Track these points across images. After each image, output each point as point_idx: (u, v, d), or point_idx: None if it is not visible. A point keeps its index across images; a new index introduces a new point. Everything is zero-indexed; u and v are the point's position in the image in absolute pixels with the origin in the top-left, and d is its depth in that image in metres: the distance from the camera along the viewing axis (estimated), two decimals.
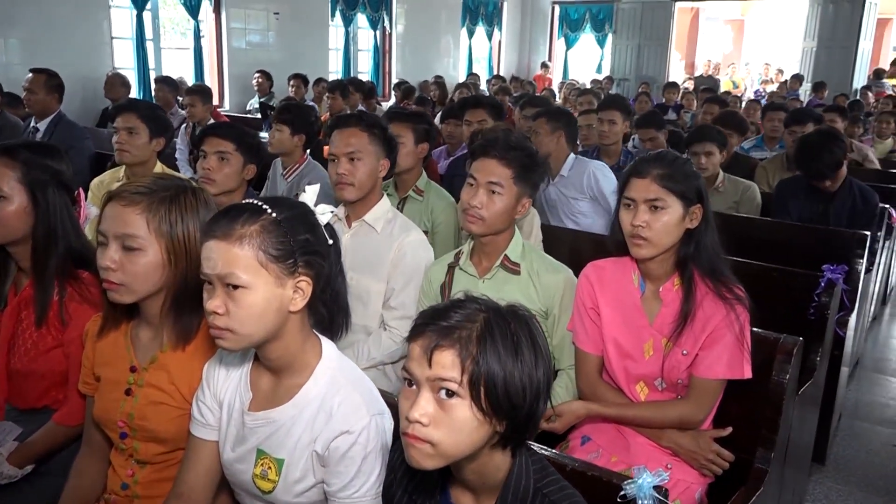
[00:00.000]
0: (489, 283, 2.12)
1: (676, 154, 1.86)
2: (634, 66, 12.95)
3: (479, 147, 2.08)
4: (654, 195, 1.75)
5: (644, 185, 1.77)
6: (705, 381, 1.79)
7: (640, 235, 1.76)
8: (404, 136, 2.99)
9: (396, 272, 2.31)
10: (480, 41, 13.21)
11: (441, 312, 1.09)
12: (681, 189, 1.75)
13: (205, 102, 4.92)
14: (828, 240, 3.27)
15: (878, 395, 3.69)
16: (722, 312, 1.76)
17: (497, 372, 1.04)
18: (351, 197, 2.31)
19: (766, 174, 4.54)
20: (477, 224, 2.04)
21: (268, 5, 8.79)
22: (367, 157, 2.28)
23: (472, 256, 2.16)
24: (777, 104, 5.90)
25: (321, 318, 1.36)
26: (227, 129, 2.55)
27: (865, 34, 11.16)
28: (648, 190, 1.76)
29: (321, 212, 1.34)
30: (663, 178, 1.75)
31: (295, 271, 1.25)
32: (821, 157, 3.40)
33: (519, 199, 2.06)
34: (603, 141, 4.27)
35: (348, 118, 2.31)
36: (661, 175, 1.76)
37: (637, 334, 1.87)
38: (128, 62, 7.57)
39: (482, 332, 1.05)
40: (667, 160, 1.80)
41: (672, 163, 1.79)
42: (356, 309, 2.35)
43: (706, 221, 1.81)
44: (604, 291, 1.91)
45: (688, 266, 1.81)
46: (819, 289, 2.46)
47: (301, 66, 8.73)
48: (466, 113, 3.87)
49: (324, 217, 1.34)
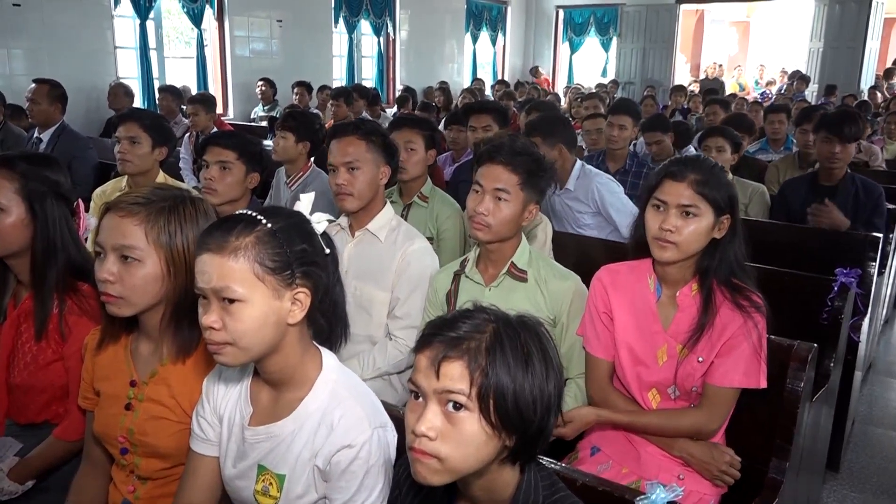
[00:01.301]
0: (496, 291, 2.08)
1: (713, 161, 1.81)
2: (639, 69, 12.91)
3: (485, 153, 2.04)
4: (688, 200, 1.70)
5: (679, 189, 1.72)
6: (720, 390, 1.75)
7: (667, 239, 1.72)
8: (416, 143, 2.96)
9: (401, 281, 2.28)
10: (485, 46, 13.19)
11: (449, 322, 1.06)
12: (715, 197, 1.71)
13: (208, 111, 4.91)
14: (839, 242, 3.23)
15: (891, 400, 3.63)
16: (739, 320, 1.72)
17: (507, 384, 1.00)
18: (352, 207, 2.28)
19: (778, 173, 4.49)
20: (483, 231, 2.01)
21: (270, 13, 8.79)
22: (367, 166, 2.25)
23: (479, 264, 2.13)
24: (777, 106, 5.85)
25: (320, 329, 1.33)
26: (228, 138, 2.53)
27: (872, 34, 11.10)
28: (683, 195, 1.71)
29: (317, 220, 1.31)
30: (699, 185, 1.70)
31: (292, 283, 1.21)
32: (847, 119, 3.43)
33: (526, 206, 2.02)
34: (611, 146, 4.22)
35: (346, 127, 2.28)
36: (697, 181, 1.71)
37: (651, 340, 1.83)
38: (131, 72, 7.57)
39: (491, 342, 1.02)
40: (705, 166, 1.74)
41: (710, 169, 1.74)
42: (360, 319, 2.34)
43: (734, 232, 1.76)
44: (617, 295, 1.88)
45: (708, 275, 1.76)
46: (833, 293, 2.41)
47: (305, 73, 8.73)
48: (471, 118, 3.83)
49: (320, 226, 1.31)
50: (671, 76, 12.79)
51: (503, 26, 13.43)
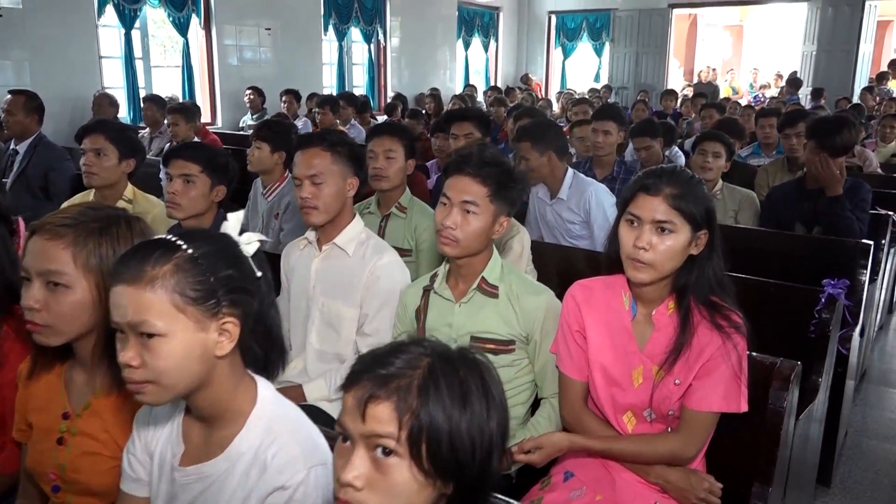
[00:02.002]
0: (465, 308, 1.99)
1: (689, 173, 1.70)
2: (633, 74, 12.85)
3: (453, 164, 1.96)
4: (663, 216, 1.60)
5: (654, 203, 1.61)
6: (699, 414, 1.66)
7: (641, 259, 1.62)
8: (396, 152, 2.88)
9: (369, 297, 2.19)
10: (477, 53, 13.13)
11: (380, 358, 0.97)
12: (692, 212, 1.60)
13: (188, 121, 4.82)
14: (829, 249, 3.15)
15: (885, 410, 3.54)
16: (718, 341, 1.63)
17: (441, 425, 0.91)
18: (317, 221, 2.19)
19: (768, 177, 4.42)
20: (451, 246, 1.92)
21: (259, 21, 8.71)
22: (332, 178, 2.16)
23: (449, 279, 2.04)
24: (768, 110, 5.78)
25: (256, 358, 1.24)
26: (192, 151, 2.44)
27: (866, 37, 11.05)
28: (658, 210, 1.60)
29: (246, 242, 1.21)
30: (675, 199, 1.60)
31: (218, 312, 1.12)
32: (839, 130, 3.34)
33: (496, 218, 1.93)
34: (597, 152, 4.14)
35: (309, 138, 2.19)
36: (673, 195, 1.60)
37: (626, 360, 1.74)
38: (117, 81, 7.49)
39: (425, 380, 0.93)
40: (681, 179, 1.64)
41: (687, 182, 1.63)
42: (329, 336, 2.26)
43: (712, 248, 1.67)
44: (591, 313, 1.78)
45: (685, 293, 1.67)
46: (819, 305, 2.32)
47: (294, 81, 8.65)
48: (453, 126, 3.74)
49: (250, 247, 1.21)
50: (664, 81, 12.72)
51: (495, 32, 13.37)
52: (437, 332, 2.02)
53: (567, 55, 13.70)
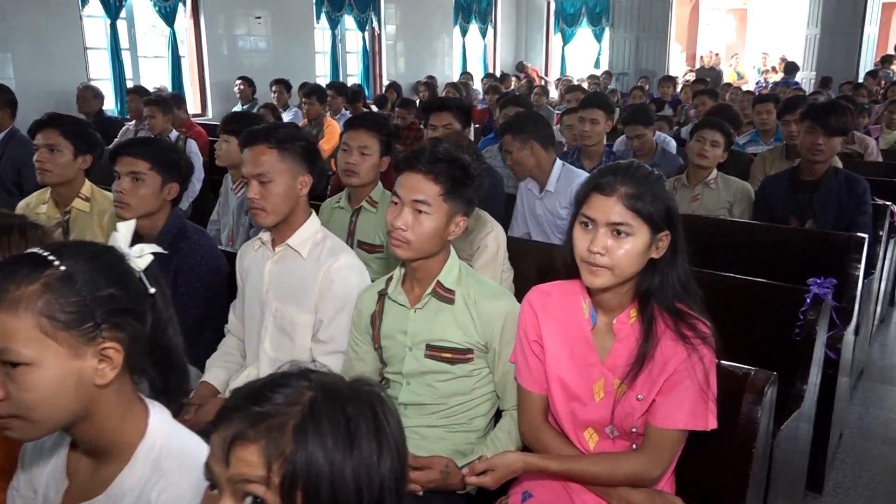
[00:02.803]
0: (421, 314, 1.86)
1: (648, 169, 1.55)
2: (633, 59, 12.63)
3: (403, 160, 1.82)
4: (618, 218, 1.46)
5: (608, 204, 1.47)
6: (664, 432, 1.53)
7: (596, 263, 1.48)
8: (370, 148, 2.74)
9: (324, 301, 2.06)
10: (475, 39, 12.93)
11: (257, 393, 0.83)
12: (650, 212, 1.46)
13: (165, 113, 4.68)
14: (823, 244, 3.00)
15: (884, 410, 3.40)
16: (682, 354, 1.49)
17: (321, 469, 0.78)
18: (267, 223, 2.07)
19: (765, 165, 4.27)
20: (402, 248, 1.78)
21: (249, 9, 8.56)
22: (281, 177, 2.03)
23: (404, 283, 1.91)
24: (765, 96, 5.60)
25: (153, 382, 1.11)
26: (140, 147, 2.30)
27: (870, 19, 10.80)
28: (612, 211, 1.46)
29: (137, 255, 1.08)
30: (631, 199, 1.46)
31: (96, 337, 1.00)
32: (835, 111, 3.25)
33: (451, 218, 1.80)
34: (585, 141, 4.00)
35: (256, 134, 2.05)
36: (629, 194, 1.46)
37: (586, 373, 1.60)
38: (104, 73, 7.37)
39: (304, 418, 0.80)
40: (637, 176, 1.49)
41: (643, 180, 1.49)
42: (282, 343, 2.13)
43: (675, 251, 1.53)
44: (549, 321, 1.65)
45: (648, 300, 1.53)
46: (805, 306, 2.18)
47: (286, 70, 8.50)
48: (431, 117, 3.60)
49: (142, 260, 1.08)
50: (666, 66, 12.50)
51: (493, 18, 13.15)
52: (391, 339, 1.90)
53: (567, 41, 13.49)
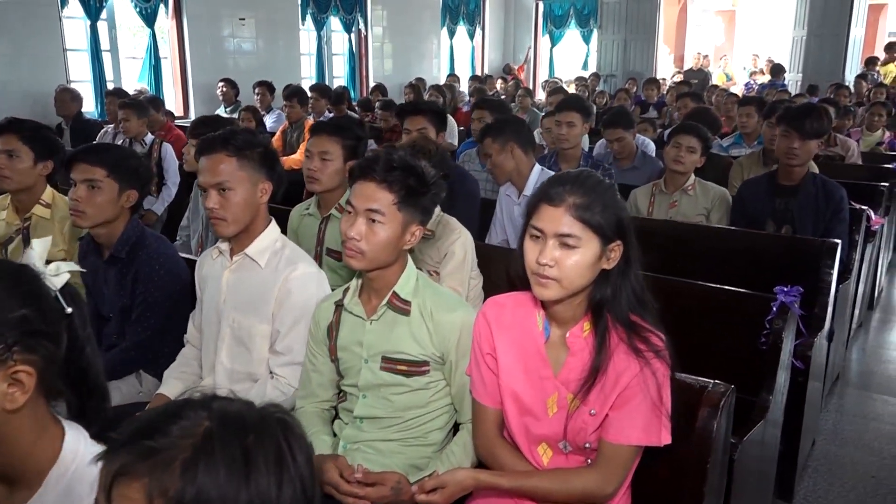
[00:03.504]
0: (377, 325, 1.83)
1: (598, 178, 1.52)
2: (621, 61, 12.61)
3: (357, 169, 1.79)
4: (567, 229, 1.43)
5: (556, 215, 1.44)
6: (617, 448, 1.49)
7: (545, 275, 1.45)
8: (332, 153, 2.72)
9: (282, 311, 2.03)
10: (463, 41, 12.90)
11: (151, 425, 0.79)
12: (599, 223, 1.43)
13: (140, 116, 4.63)
14: (798, 249, 2.98)
15: (860, 416, 3.38)
16: (635, 368, 1.46)
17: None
18: (227, 232, 2.03)
19: (742, 171, 4.25)
20: (357, 258, 1.75)
21: (233, 10, 8.50)
22: (240, 186, 1.99)
23: (361, 293, 1.87)
24: (748, 98, 5.60)
25: (70, 405, 1.07)
26: (96, 154, 2.26)
27: (857, 21, 10.81)
28: (561, 222, 1.43)
29: (53, 273, 1.04)
30: (580, 209, 1.43)
31: (7, 360, 0.96)
32: (810, 114, 3.24)
33: (406, 228, 1.77)
34: (561, 145, 3.98)
35: (212, 142, 2.01)
36: (577, 205, 1.43)
37: (540, 387, 1.57)
38: (84, 75, 7.30)
39: (196, 452, 0.75)
40: (586, 185, 1.46)
41: (592, 189, 1.46)
42: (240, 354, 2.09)
43: (627, 261, 1.50)
44: (502, 333, 1.62)
45: (601, 313, 1.50)
46: (771, 314, 2.15)
47: (271, 72, 8.45)
48: (405, 120, 3.57)
49: (59, 279, 1.04)
50: (654, 68, 12.49)
51: (481, 20, 13.12)
52: (348, 351, 1.86)
53: (555, 43, 13.46)
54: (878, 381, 3.75)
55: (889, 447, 3.08)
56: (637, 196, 3.74)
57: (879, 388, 3.67)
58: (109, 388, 2.24)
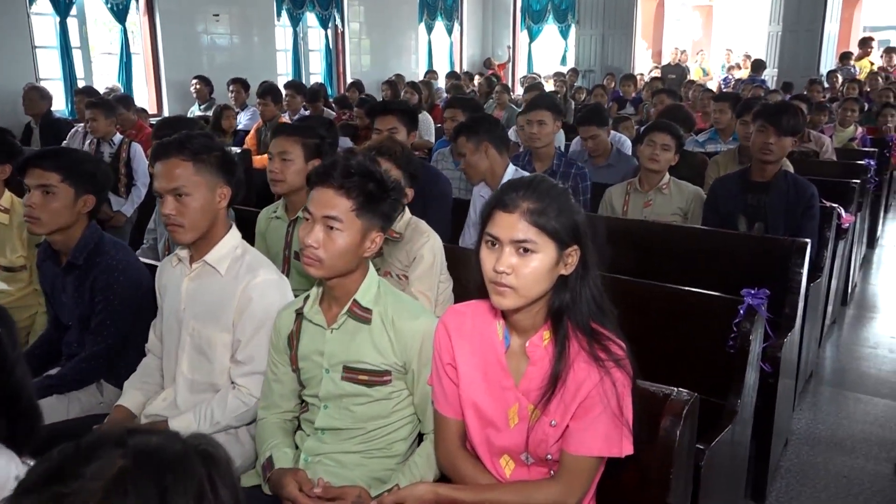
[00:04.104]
0: (338, 334, 1.79)
1: (551, 182, 1.49)
2: (599, 56, 12.63)
3: (315, 175, 1.75)
4: (522, 235, 1.40)
5: (511, 221, 1.41)
6: (578, 459, 1.47)
7: (502, 283, 1.42)
8: (292, 153, 2.73)
9: (242, 320, 1.98)
10: (441, 37, 12.84)
11: (64, 463, 0.74)
12: (555, 228, 1.40)
13: (108, 116, 4.53)
14: (768, 249, 2.98)
15: (833, 415, 3.38)
16: (595, 378, 1.44)
17: None
18: (185, 239, 1.98)
19: (719, 169, 4.24)
20: (315, 267, 1.71)
21: (206, 6, 8.38)
22: (198, 191, 1.94)
23: (322, 301, 1.83)
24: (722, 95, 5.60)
25: None
26: (50, 159, 2.19)
27: (831, 16, 10.89)
28: (516, 228, 1.40)
29: None
30: (534, 214, 1.40)
31: None
32: (786, 111, 3.27)
33: (365, 235, 1.73)
34: (533, 144, 3.93)
35: (168, 147, 1.95)
36: (532, 210, 1.40)
37: (501, 397, 1.54)
38: (55, 72, 7.17)
39: (107, 494, 0.71)
40: (540, 190, 1.43)
41: (546, 194, 1.43)
42: (201, 364, 2.04)
43: (585, 266, 1.47)
44: (463, 343, 1.58)
45: (562, 318, 1.48)
46: (738, 317, 2.14)
47: (246, 69, 8.35)
48: (376, 120, 3.53)
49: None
50: (632, 63, 12.52)
51: (459, 15, 13.07)
52: (308, 360, 1.83)
53: (533, 38, 13.45)
54: (852, 379, 3.76)
55: (861, 446, 3.08)
56: (612, 195, 3.72)
57: (853, 385, 3.69)
58: (69, 398, 2.26)
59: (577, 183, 3.86)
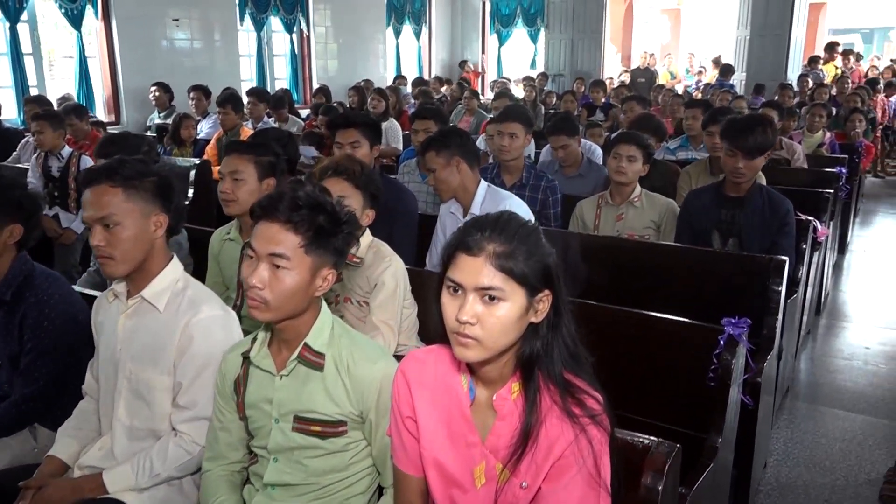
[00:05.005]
0: (287, 381, 1.63)
1: (520, 221, 1.32)
2: (569, 60, 12.57)
3: (258, 208, 1.59)
4: (487, 282, 1.24)
5: (475, 266, 1.25)
6: None
7: (466, 334, 1.26)
8: (244, 172, 2.58)
9: (184, 361, 1.81)
10: (409, 41, 12.69)
11: None
12: (523, 273, 1.25)
13: (55, 128, 4.30)
14: (746, 267, 2.88)
15: (810, 433, 3.29)
16: (569, 436, 1.30)
17: None
18: (117, 273, 1.81)
19: (690, 180, 4.15)
20: (260, 310, 1.55)
21: (165, 10, 8.13)
22: (129, 219, 1.77)
23: (271, 344, 1.67)
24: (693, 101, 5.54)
25: None
26: None
27: (798, 20, 10.95)
28: (481, 274, 1.25)
29: None
30: (501, 258, 1.25)
31: None
32: (753, 130, 3.08)
33: (316, 273, 1.58)
34: (503, 156, 3.80)
35: (97, 173, 1.78)
36: (498, 253, 1.25)
37: (466, 455, 1.39)
38: (5, 80, 6.89)
39: None
40: (507, 231, 1.27)
41: (514, 234, 1.27)
42: (139, 410, 1.87)
43: (557, 312, 1.32)
44: (424, 395, 1.43)
45: (532, 369, 1.33)
46: (719, 348, 2.02)
47: (209, 75, 8.13)
48: (337, 134, 3.36)
49: None
50: (601, 67, 12.49)
51: (427, 19, 12.92)
52: (256, 409, 1.67)
53: (502, 42, 13.36)
54: (827, 393, 3.69)
55: (841, 467, 3.00)
56: (583, 209, 3.61)
57: (828, 400, 3.61)
58: None
59: (547, 196, 3.74)
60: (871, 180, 9.08)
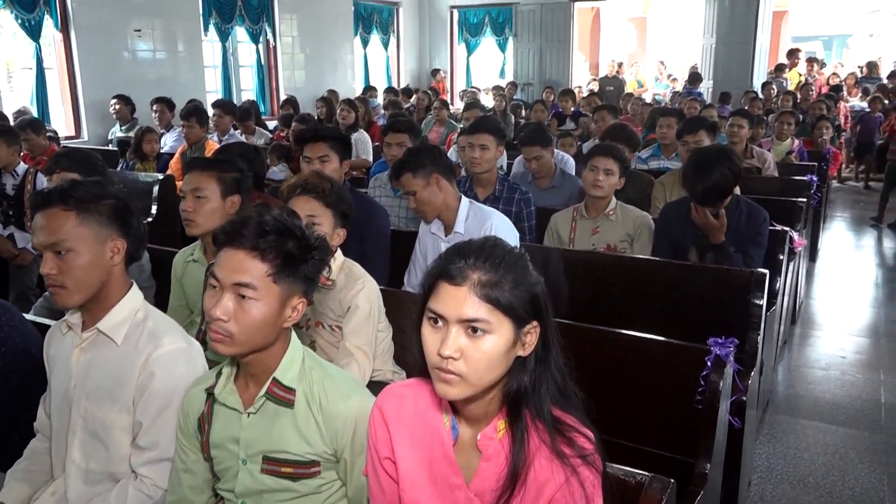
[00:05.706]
0: (256, 419, 1.52)
1: (506, 247, 1.23)
2: (537, 69, 12.58)
3: (222, 234, 1.48)
4: (472, 313, 1.15)
5: (459, 296, 1.16)
6: None
7: (449, 370, 1.17)
8: (207, 189, 2.46)
9: (144, 399, 1.69)
10: (377, 51, 12.59)
11: None
12: (510, 303, 1.16)
13: (9, 144, 4.11)
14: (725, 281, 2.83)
15: (792, 448, 3.25)
16: (560, 478, 1.21)
17: None
18: (69, 303, 1.69)
19: (665, 191, 4.11)
20: (225, 343, 1.44)
21: (127, 21, 7.93)
22: (83, 245, 1.65)
23: (237, 379, 1.56)
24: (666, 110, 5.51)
25: None
26: None
27: (762, 28, 11.08)
28: (465, 304, 1.16)
29: None
30: (486, 287, 1.16)
31: None
32: (710, 175, 2.95)
33: (285, 302, 1.47)
34: (474, 169, 3.71)
35: (48, 196, 1.66)
36: (483, 282, 1.16)
37: (449, 499, 1.30)
38: None
39: None
40: (493, 258, 1.18)
41: (500, 262, 1.18)
42: (95, 451, 1.74)
43: (546, 345, 1.23)
44: (403, 434, 1.33)
45: (519, 406, 1.24)
46: (706, 370, 1.95)
47: (173, 87, 7.95)
48: (305, 148, 3.24)
49: None
50: (570, 75, 12.52)
51: (395, 29, 12.85)
52: (222, 449, 1.55)
53: (471, 51, 13.32)
54: (806, 406, 3.65)
55: (824, 482, 2.96)
56: (557, 222, 3.54)
57: (808, 413, 3.57)
58: None
59: (521, 209, 3.66)
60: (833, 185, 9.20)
